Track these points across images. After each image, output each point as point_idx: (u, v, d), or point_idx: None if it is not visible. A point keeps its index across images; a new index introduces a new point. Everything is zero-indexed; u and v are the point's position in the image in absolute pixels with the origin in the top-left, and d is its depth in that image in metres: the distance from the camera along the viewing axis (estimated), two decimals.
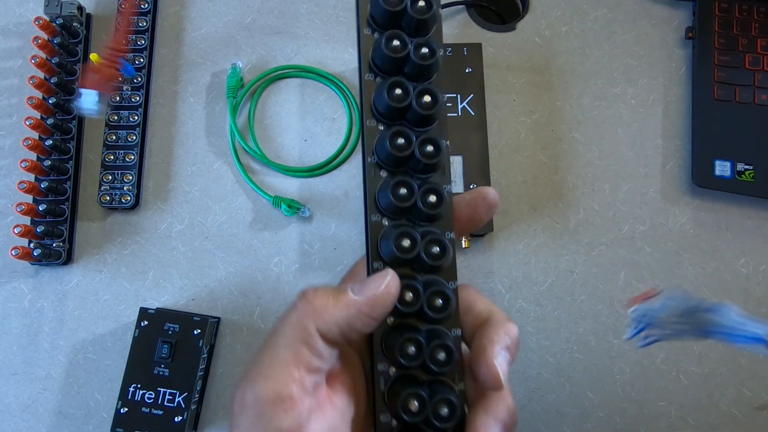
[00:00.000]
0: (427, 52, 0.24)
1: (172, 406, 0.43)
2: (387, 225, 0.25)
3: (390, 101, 0.24)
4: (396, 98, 0.24)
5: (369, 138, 0.25)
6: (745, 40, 0.53)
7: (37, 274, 0.49)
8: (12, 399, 0.46)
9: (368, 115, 0.25)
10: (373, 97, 0.25)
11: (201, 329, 0.44)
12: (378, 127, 0.25)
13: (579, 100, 0.54)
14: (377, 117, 0.25)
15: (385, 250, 0.25)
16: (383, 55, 0.24)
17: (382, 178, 0.25)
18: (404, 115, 0.25)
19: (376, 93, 0.25)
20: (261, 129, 0.52)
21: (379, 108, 0.25)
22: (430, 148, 0.25)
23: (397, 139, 0.24)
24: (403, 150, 0.24)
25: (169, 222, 0.50)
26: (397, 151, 0.24)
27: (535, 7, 0.56)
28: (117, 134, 0.51)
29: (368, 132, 0.25)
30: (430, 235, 0.24)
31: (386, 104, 0.24)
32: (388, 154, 0.24)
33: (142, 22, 0.53)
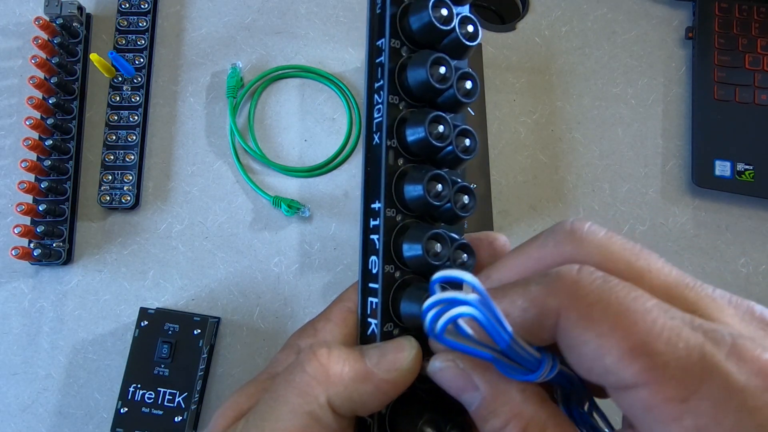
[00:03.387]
0: (471, 87, 0.22)
1: (172, 406, 0.43)
2: (406, 222, 0.21)
3: (431, 80, 0.20)
4: (439, 77, 0.21)
5: (390, 117, 0.21)
6: (745, 40, 0.53)
7: (37, 274, 0.49)
8: (12, 399, 0.46)
9: (393, 92, 0.21)
10: (406, 73, 0.21)
11: (201, 329, 0.44)
12: (400, 106, 0.21)
13: (579, 100, 0.54)
14: (402, 95, 0.21)
15: (408, 254, 0.21)
16: (421, 79, 0.21)
17: (403, 168, 0.21)
18: (436, 100, 0.22)
19: (412, 70, 0.21)
20: (261, 129, 0.52)
21: (412, 87, 0.21)
22: (467, 142, 0.22)
23: (438, 126, 0.21)
24: (442, 139, 0.21)
25: (169, 222, 0.50)
26: (436, 140, 0.20)
27: (535, 7, 0.56)
28: (117, 134, 0.51)
29: (390, 110, 0.21)
30: (456, 241, 0.21)
31: (423, 82, 0.21)
32: (421, 141, 0.21)
33: (142, 22, 0.53)
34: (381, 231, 0.21)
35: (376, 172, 0.21)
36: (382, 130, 0.21)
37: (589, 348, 0.16)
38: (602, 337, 0.15)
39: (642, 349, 0.15)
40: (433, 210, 0.21)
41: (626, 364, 0.15)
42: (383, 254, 0.21)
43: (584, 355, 0.16)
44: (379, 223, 0.21)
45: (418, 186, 0.20)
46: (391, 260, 0.21)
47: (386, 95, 0.21)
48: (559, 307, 0.16)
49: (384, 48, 0.21)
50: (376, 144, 0.22)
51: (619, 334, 0.15)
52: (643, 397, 0.15)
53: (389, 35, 0.21)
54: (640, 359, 0.15)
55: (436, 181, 0.21)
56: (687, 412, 0.14)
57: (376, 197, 0.21)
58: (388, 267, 0.21)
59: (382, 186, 0.21)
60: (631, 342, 0.15)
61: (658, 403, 0.15)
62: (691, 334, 0.15)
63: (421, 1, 0.21)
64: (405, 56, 0.22)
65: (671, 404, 0.15)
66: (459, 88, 0.21)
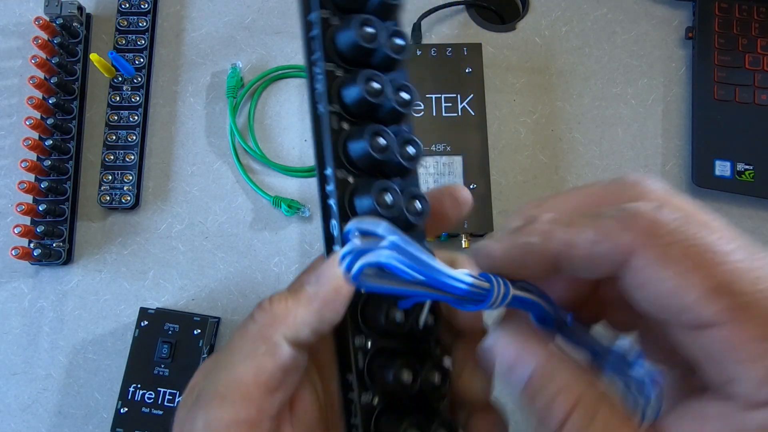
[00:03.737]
0: (401, 43, 0.22)
1: (172, 406, 0.43)
2: (356, 181, 0.22)
3: (360, 40, 0.21)
4: (367, 37, 0.21)
5: (328, 83, 0.22)
6: (745, 40, 0.53)
7: (37, 274, 0.49)
8: (12, 399, 0.46)
9: (329, 59, 0.22)
10: (337, 39, 0.22)
11: (201, 329, 0.44)
12: (338, 73, 0.22)
13: (579, 100, 0.54)
14: (337, 62, 0.22)
15: (361, 209, 0.21)
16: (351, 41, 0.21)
17: (347, 130, 0.22)
18: (370, 62, 0.22)
19: (341, 34, 0.22)
20: (261, 129, 0.52)
21: (343, 50, 0.22)
22: (405, 95, 0.22)
23: (372, 83, 0.21)
24: (377, 95, 0.21)
25: (169, 222, 0.50)
26: (371, 96, 0.21)
27: (535, 7, 0.56)
28: (117, 134, 0.51)
29: (329, 77, 0.22)
30: (409, 190, 0.22)
31: (353, 43, 0.21)
32: (358, 100, 0.21)
33: (142, 22, 0.53)
34: (335, 194, 0.21)
35: (321, 139, 0.22)
36: (324, 98, 0.22)
37: (665, 286, 0.16)
38: (682, 275, 0.15)
39: (726, 288, 0.15)
40: (381, 165, 0.22)
41: (707, 302, 0.15)
42: (339, 215, 0.21)
43: (659, 292, 0.16)
44: (332, 187, 0.22)
45: (361, 142, 0.21)
46: (347, 219, 0.21)
47: (323, 64, 0.22)
48: (634, 244, 0.16)
49: (315, 21, 0.22)
50: (320, 113, 0.22)
51: (701, 273, 0.15)
52: (723, 335, 0.15)
53: (318, 7, 0.22)
54: (724, 298, 0.15)
55: (377, 135, 0.21)
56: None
57: (326, 163, 0.22)
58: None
59: (329, 150, 0.22)
60: (715, 281, 0.15)
61: (740, 341, 0.15)
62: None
63: None
64: (336, 24, 0.22)
65: (753, 343, 0.14)
66: (390, 47, 0.22)
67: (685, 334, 0.16)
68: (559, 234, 0.17)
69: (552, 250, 0.17)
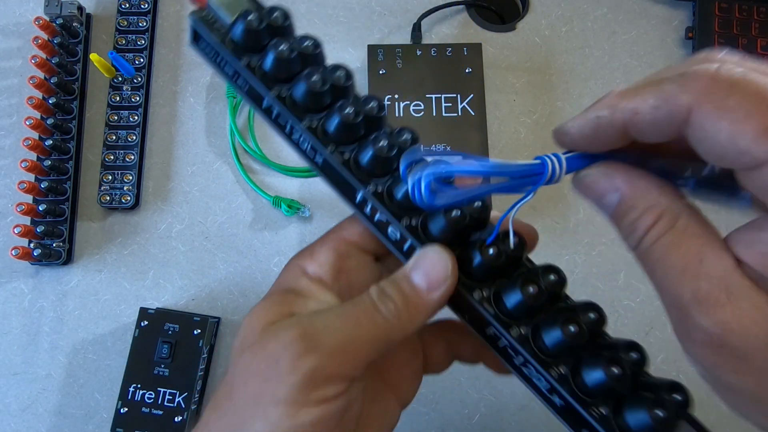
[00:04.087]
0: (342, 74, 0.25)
1: (172, 406, 0.43)
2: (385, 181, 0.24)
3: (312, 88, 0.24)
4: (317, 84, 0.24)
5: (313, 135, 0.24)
6: (745, 40, 0.53)
7: (37, 274, 0.49)
8: (12, 399, 0.46)
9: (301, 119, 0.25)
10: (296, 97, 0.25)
11: (201, 329, 0.44)
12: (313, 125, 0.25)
13: (579, 100, 0.54)
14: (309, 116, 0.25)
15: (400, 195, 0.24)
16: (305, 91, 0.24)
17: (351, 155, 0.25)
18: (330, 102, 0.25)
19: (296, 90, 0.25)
20: (261, 129, 0.52)
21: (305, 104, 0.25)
22: (373, 104, 0.24)
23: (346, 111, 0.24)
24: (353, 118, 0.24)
25: (169, 222, 0.50)
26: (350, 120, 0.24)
27: (535, 7, 0.56)
28: (117, 134, 0.51)
29: (310, 132, 0.25)
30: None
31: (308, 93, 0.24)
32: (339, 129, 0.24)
33: (142, 22, 0.53)
34: (377, 205, 0.24)
35: (338, 177, 0.24)
36: (317, 148, 0.24)
37: (723, 135, 0.17)
38: (738, 122, 0.16)
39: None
40: (391, 160, 0.24)
41: (759, 143, 0.16)
42: (393, 216, 0.24)
43: (718, 142, 0.17)
44: (371, 203, 0.24)
45: (370, 148, 0.23)
46: (398, 216, 0.24)
47: (300, 126, 0.24)
48: (692, 102, 0.17)
49: (271, 103, 0.25)
50: (320, 163, 0.25)
51: (753, 119, 0.16)
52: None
53: (268, 92, 0.24)
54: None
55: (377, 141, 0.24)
56: None
57: (354, 191, 0.24)
58: (405, 221, 0.24)
59: (349, 176, 0.24)
60: (765, 124, 0.16)
61: None
62: None
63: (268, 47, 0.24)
64: (287, 93, 0.25)
65: None
66: (340, 80, 0.25)
67: (747, 178, 0.17)
68: (624, 104, 0.19)
69: (619, 120, 0.19)
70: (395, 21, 0.55)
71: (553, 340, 0.22)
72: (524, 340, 0.22)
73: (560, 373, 0.22)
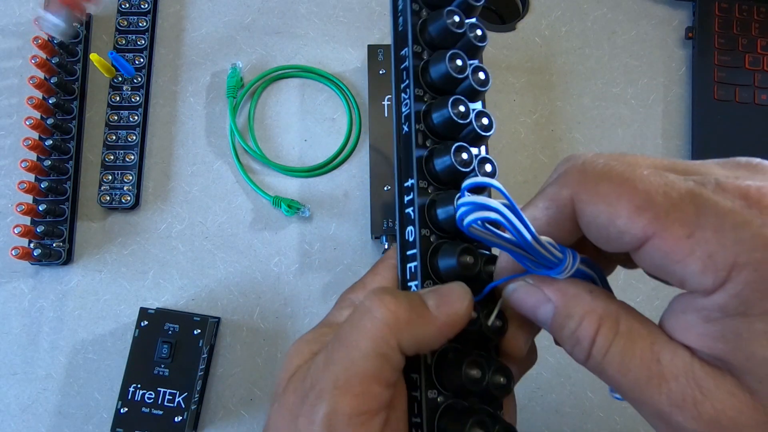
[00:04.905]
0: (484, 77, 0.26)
1: (172, 406, 0.43)
2: (437, 193, 0.24)
3: (450, 71, 0.24)
4: (457, 69, 0.25)
5: (417, 105, 0.25)
6: (745, 40, 0.53)
7: (37, 274, 0.49)
8: (12, 399, 0.46)
9: (417, 86, 0.25)
10: (429, 71, 0.25)
11: (201, 329, 0.44)
12: (425, 98, 0.25)
13: (579, 100, 0.54)
14: (426, 90, 0.25)
15: (443, 216, 0.24)
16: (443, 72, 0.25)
17: (431, 147, 0.25)
18: (455, 91, 0.25)
19: (433, 64, 0.25)
20: (261, 129, 0.52)
21: (435, 80, 0.25)
22: (485, 120, 0.25)
23: (459, 106, 0.24)
24: (465, 117, 0.24)
25: (169, 222, 0.50)
26: (459, 118, 0.24)
27: (535, 7, 0.56)
28: (117, 134, 0.51)
29: (417, 100, 0.25)
30: None
31: (444, 74, 0.24)
32: (445, 120, 0.24)
33: (142, 22, 0.53)
34: (416, 202, 0.24)
35: (408, 155, 0.25)
36: (411, 119, 0.25)
37: (602, 218, 0.18)
38: (611, 205, 0.18)
39: (645, 205, 0.17)
40: (462, 177, 0.24)
41: (635, 220, 0.17)
42: (419, 221, 0.24)
43: (600, 225, 0.18)
44: (413, 196, 0.24)
45: (446, 157, 0.24)
46: (426, 225, 0.24)
47: (412, 90, 0.25)
48: (572, 193, 0.19)
49: (408, 55, 0.25)
50: (405, 133, 0.25)
51: (625, 198, 0.17)
52: (658, 245, 0.17)
53: (411, 43, 0.25)
54: (646, 213, 0.17)
55: (462, 151, 0.24)
56: (696, 245, 0.16)
57: (408, 175, 0.24)
58: (424, 230, 0.24)
59: (414, 163, 0.24)
60: (636, 202, 0.17)
61: (671, 245, 0.17)
62: (683, 184, 0.17)
63: (437, 13, 0.25)
64: (426, 58, 0.25)
65: (681, 242, 0.17)
66: (474, 79, 0.25)
67: (638, 257, 0.18)
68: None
69: None
70: None
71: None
72: (433, 407, 0.22)
73: None
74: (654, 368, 0.18)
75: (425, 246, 0.24)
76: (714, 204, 0.17)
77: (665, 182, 0.17)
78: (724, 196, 0.17)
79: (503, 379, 0.22)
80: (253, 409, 0.46)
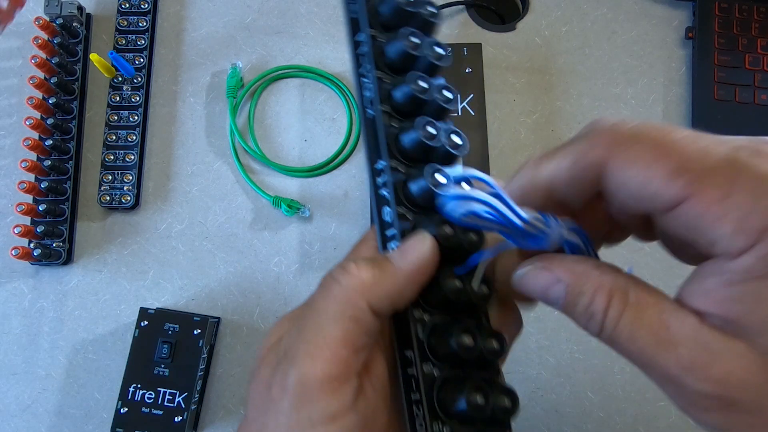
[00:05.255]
0: (443, 52, 0.25)
1: (172, 406, 0.43)
2: (408, 170, 0.24)
3: (408, 48, 0.24)
4: (413, 46, 0.25)
5: (379, 88, 0.25)
6: (745, 40, 0.53)
7: (37, 274, 0.49)
8: (12, 399, 0.46)
9: (378, 68, 0.25)
10: (386, 51, 0.25)
11: (201, 329, 0.44)
12: (386, 79, 0.25)
13: (579, 100, 0.54)
14: (386, 72, 0.26)
15: (417, 192, 0.23)
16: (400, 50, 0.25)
17: (398, 126, 0.25)
18: (415, 68, 0.25)
19: (390, 47, 0.25)
20: (261, 129, 0.52)
21: (393, 59, 0.25)
22: (449, 94, 0.25)
23: (420, 82, 0.24)
24: (427, 93, 0.24)
25: (169, 222, 0.50)
26: (420, 93, 0.24)
27: (535, 7, 0.56)
28: (117, 134, 0.51)
29: (379, 83, 0.25)
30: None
31: (402, 52, 0.24)
32: (408, 97, 0.24)
33: (142, 22, 0.53)
34: (390, 183, 0.24)
35: (375, 137, 0.25)
36: (374, 101, 0.25)
37: (636, 181, 0.18)
38: (647, 168, 0.18)
39: (681, 168, 0.17)
40: (430, 152, 0.24)
41: (671, 183, 0.17)
42: (394, 199, 0.24)
43: (633, 188, 0.18)
44: (386, 177, 0.24)
45: (414, 132, 0.24)
46: (401, 203, 0.24)
47: (373, 73, 0.25)
48: (603, 156, 0.19)
49: (363, 40, 0.26)
50: (370, 116, 0.25)
51: (661, 162, 0.18)
52: (692, 207, 0.17)
53: (368, 27, 0.26)
54: (682, 176, 0.17)
55: (428, 125, 0.24)
56: (730, 207, 0.17)
57: (378, 156, 0.24)
58: (400, 209, 0.24)
59: (383, 143, 0.24)
60: (672, 165, 0.17)
61: (705, 207, 0.17)
62: (719, 147, 0.18)
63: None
64: (382, 40, 0.26)
65: (716, 205, 0.17)
66: (432, 55, 0.25)
67: (667, 220, 0.18)
68: (543, 167, 0.21)
69: (542, 183, 0.21)
70: None
71: (459, 408, 0.21)
72: (430, 380, 0.22)
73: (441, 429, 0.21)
74: (663, 335, 0.18)
75: (403, 224, 0.24)
76: (750, 168, 0.17)
77: (700, 146, 0.18)
78: (761, 159, 0.17)
79: (496, 344, 0.22)
80: None
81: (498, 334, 0.23)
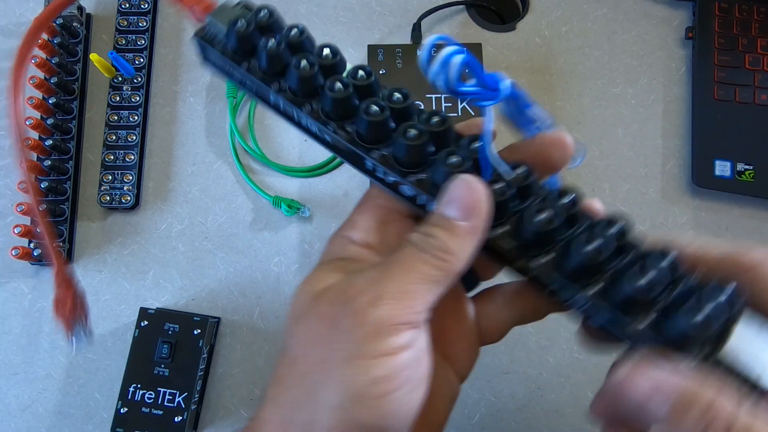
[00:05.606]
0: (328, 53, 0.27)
1: (172, 406, 0.43)
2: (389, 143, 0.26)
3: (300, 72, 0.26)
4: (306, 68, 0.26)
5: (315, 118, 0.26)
6: (745, 40, 0.53)
7: (37, 274, 0.49)
8: (12, 399, 0.46)
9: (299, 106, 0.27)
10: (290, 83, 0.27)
11: (201, 329, 0.44)
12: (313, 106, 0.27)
13: (579, 100, 0.54)
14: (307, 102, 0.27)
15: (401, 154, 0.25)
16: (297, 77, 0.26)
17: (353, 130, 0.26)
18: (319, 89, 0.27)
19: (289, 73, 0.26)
20: (261, 129, 0.52)
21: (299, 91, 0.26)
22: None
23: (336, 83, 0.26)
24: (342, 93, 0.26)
25: (169, 222, 0.50)
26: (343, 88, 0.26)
27: (535, 7, 0.56)
28: (117, 134, 0.51)
29: (313, 116, 0.27)
30: None
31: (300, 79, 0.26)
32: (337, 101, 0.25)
33: (142, 22, 0.53)
34: (387, 170, 0.25)
35: (347, 149, 0.25)
36: (320, 129, 0.26)
37: None
38: None
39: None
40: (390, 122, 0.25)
41: None
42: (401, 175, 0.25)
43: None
44: (381, 167, 0.25)
45: (364, 118, 0.24)
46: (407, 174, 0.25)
47: (302, 113, 0.26)
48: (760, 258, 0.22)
49: (275, 98, 0.27)
50: (331, 139, 0.26)
51: None
52: None
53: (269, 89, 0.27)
54: None
55: (372, 105, 0.25)
56: None
57: (363, 160, 0.25)
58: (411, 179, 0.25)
59: (355, 148, 0.25)
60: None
61: None
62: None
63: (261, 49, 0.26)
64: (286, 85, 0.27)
65: None
66: (322, 60, 0.26)
67: None
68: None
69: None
70: (395, 21, 0.55)
71: (575, 263, 0.23)
72: (553, 265, 0.24)
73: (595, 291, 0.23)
74: None
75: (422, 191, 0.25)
76: None
77: None
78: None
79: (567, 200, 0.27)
80: (254, 409, 0.46)
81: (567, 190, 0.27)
